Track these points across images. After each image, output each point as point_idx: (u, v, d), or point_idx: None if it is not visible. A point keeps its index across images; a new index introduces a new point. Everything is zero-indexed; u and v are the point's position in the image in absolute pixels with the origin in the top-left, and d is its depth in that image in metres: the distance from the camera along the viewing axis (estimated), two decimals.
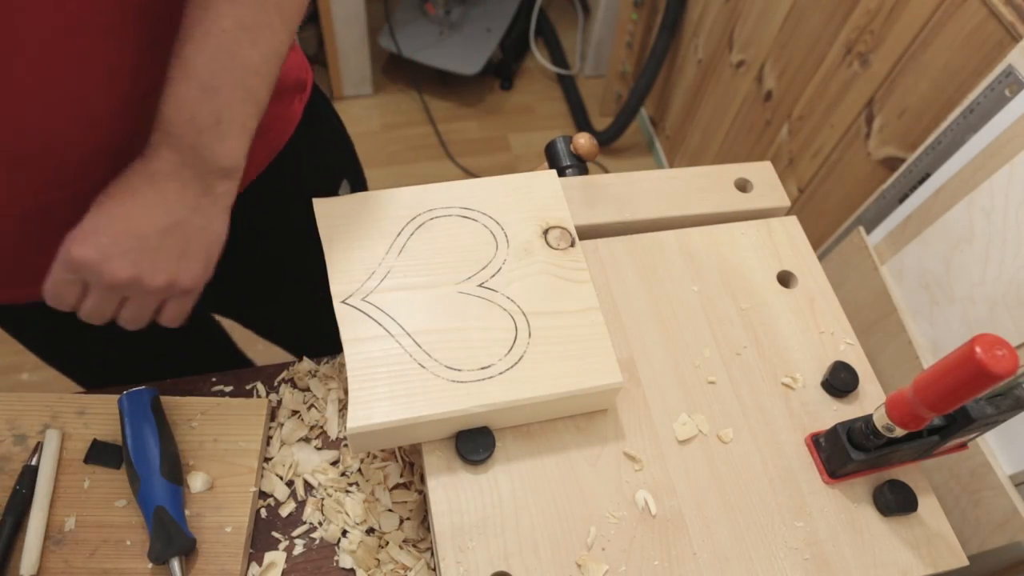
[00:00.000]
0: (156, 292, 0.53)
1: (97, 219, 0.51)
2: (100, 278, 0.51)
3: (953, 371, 0.44)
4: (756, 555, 0.53)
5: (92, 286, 0.52)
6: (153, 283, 0.52)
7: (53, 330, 0.79)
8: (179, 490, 0.61)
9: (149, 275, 0.52)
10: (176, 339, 0.91)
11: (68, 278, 0.51)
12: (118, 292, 0.52)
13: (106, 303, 0.53)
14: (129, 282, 0.51)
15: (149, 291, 0.53)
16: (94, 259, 0.50)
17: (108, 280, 0.51)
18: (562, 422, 0.57)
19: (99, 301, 0.53)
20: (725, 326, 0.63)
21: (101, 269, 0.50)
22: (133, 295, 0.53)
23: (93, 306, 0.53)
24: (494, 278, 0.58)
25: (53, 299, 0.53)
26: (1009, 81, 0.75)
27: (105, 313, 0.54)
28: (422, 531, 0.63)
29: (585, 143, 0.69)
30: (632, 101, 1.89)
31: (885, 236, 0.92)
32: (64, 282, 0.52)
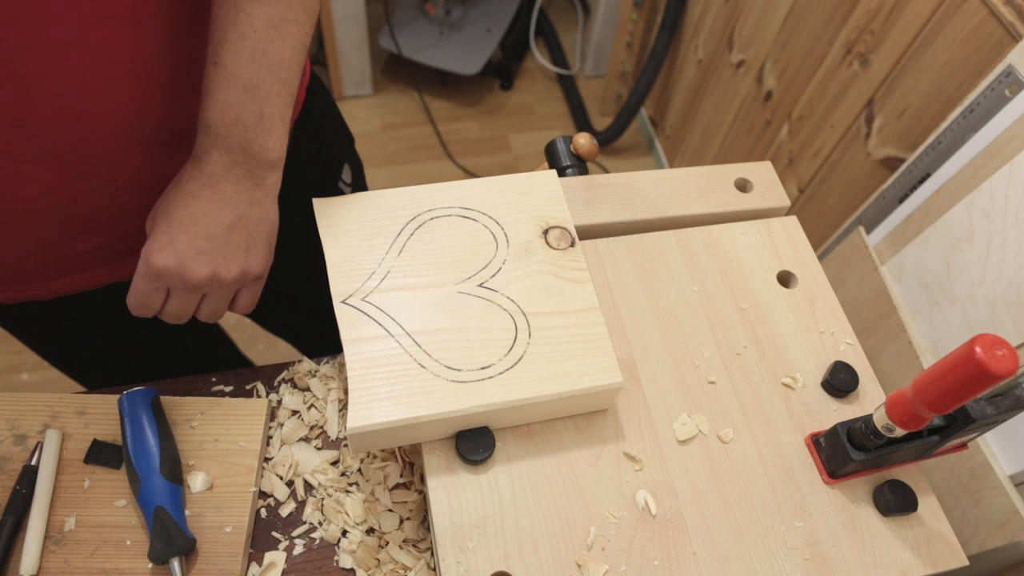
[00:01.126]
0: (231, 284, 0.57)
1: (168, 228, 0.54)
2: (182, 281, 0.55)
3: (953, 371, 0.44)
4: (756, 555, 0.53)
5: (174, 290, 0.56)
6: (228, 276, 0.56)
7: (64, 330, 0.80)
8: (179, 490, 0.61)
9: (224, 270, 0.56)
10: (179, 340, 0.93)
11: (152, 287, 0.56)
12: (198, 291, 0.57)
13: (188, 302, 0.58)
14: (208, 280, 0.56)
15: (225, 284, 0.57)
16: (174, 265, 0.54)
17: (190, 282, 0.55)
18: (562, 422, 0.57)
19: (182, 302, 0.57)
20: (725, 326, 0.63)
21: (182, 274, 0.54)
22: (211, 291, 0.57)
23: (177, 307, 0.57)
24: (494, 278, 0.58)
25: (139, 308, 0.57)
26: (1009, 81, 0.75)
27: (187, 311, 0.58)
28: (422, 531, 0.63)
29: (585, 143, 0.69)
30: (632, 101, 1.89)
31: (885, 236, 0.92)
32: (149, 291, 0.56)
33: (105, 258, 0.67)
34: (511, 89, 2.27)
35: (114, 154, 0.58)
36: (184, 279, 0.55)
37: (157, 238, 0.55)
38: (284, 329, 1.08)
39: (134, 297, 0.57)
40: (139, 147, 0.59)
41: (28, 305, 0.71)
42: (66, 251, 0.64)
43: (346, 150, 0.87)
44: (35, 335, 0.82)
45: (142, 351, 0.90)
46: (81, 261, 0.66)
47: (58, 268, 0.66)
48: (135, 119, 0.58)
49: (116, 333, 0.84)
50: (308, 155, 0.77)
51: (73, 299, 0.71)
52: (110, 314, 0.77)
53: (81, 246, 0.64)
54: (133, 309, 0.58)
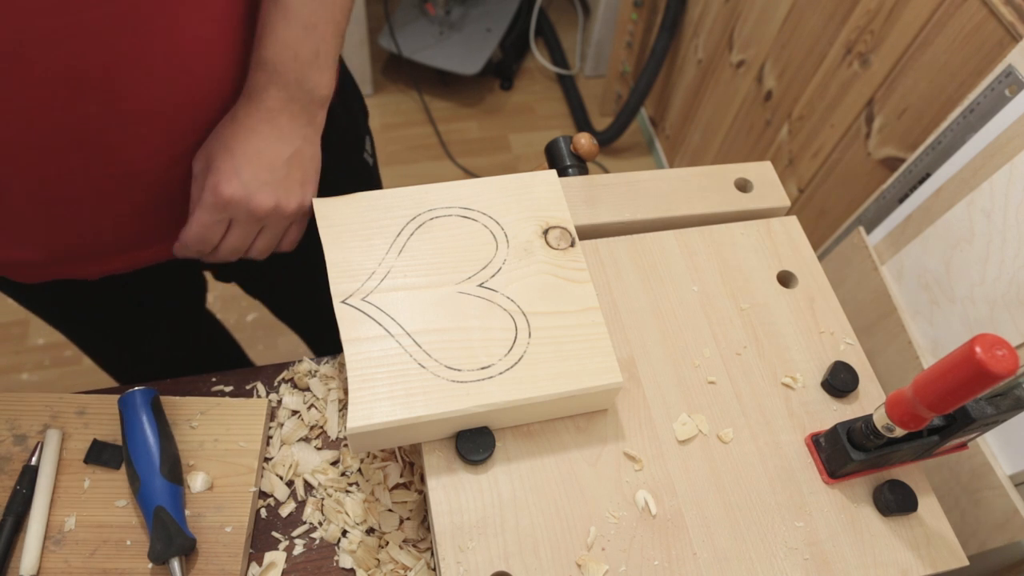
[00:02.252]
0: (289, 217, 0.60)
1: (232, 160, 0.56)
2: (248, 211, 0.57)
3: (953, 371, 0.44)
4: (756, 555, 0.53)
5: (236, 221, 0.58)
6: (289, 208, 0.59)
7: (108, 311, 0.83)
8: (179, 490, 0.60)
9: (285, 201, 0.58)
10: (183, 338, 0.96)
11: (216, 218, 0.57)
12: (260, 223, 0.59)
13: (247, 235, 0.59)
14: (271, 211, 0.58)
15: (284, 216, 0.59)
16: (242, 195, 0.56)
17: (255, 212, 0.57)
18: (562, 422, 0.57)
19: (242, 234, 0.59)
20: (725, 326, 0.63)
21: (249, 204, 0.56)
22: (270, 223, 0.59)
23: (236, 240, 0.59)
24: (494, 278, 0.58)
25: (198, 242, 0.59)
26: (1009, 81, 0.75)
27: (245, 245, 0.60)
28: (422, 531, 0.63)
29: (585, 143, 0.69)
30: (632, 101, 1.89)
31: (885, 236, 0.92)
32: (212, 223, 0.57)
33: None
34: (511, 89, 2.27)
35: (210, 112, 0.60)
36: (250, 209, 0.57)
37: (222, 169, 0.56)
38: (294, 316, 1.09)
39: (195, 231, 0.58)
40: (225, 103, 0.61)
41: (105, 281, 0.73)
42: (157, 217, 0.65)
43: (365, 123, 0.89)
44: (89, 318, 0.84)
45: (153, 349, 0.93)
46: (164, 230, 0.66)
47: (146, 237, 0.67)
48: (223, 78, 0.60)
49: (151, 317, 0.88)
50: (339, 127, 0.78)
51: (129, 277, 0.74)
52: (158, 293, 0.84)
53: (166, 214, 0.65)
54: (191, 244, 0.59)
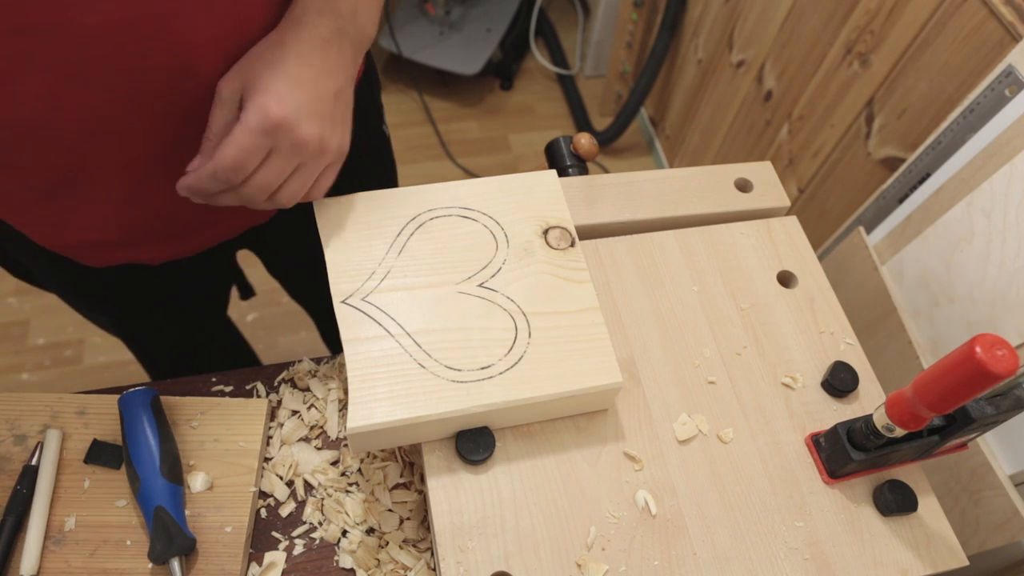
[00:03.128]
0: (328, 155, 0.55)
1: (285, 82, 0.51)
2: (293, 139, 0.51)
3: (953, 371, 0.44)
4: (756, 555, 0.53)
5: (277, 151, 0.52)
6: (331, 144, 0.54)
7: (163, 298, 0.84)
8: (179, 490, 0.60)
9: (329, 136, 0.54)
10: (215, 330, 1.01)
11: (258, 142, 0.51)
12: (300, 156, 0.53)
13: (283, 169, 0.53)
14: (315, 143, 0.53)
15: (324, 152, 0.54)
16: (294, 120, 0.51)
17: (300, 139, 0.52)
18: (562, 422, 0.57)
19: (279, 167, 0.53)
20: (725, 326, 0.63)
21: (297, 130, 0.51)
22: (309, 160, 0.54)
23: (271, 173, 0.53)
24: (494, 278, 0.58)
25: (233, 166, 0.51)
26: (1009, 81, 0.75)
27: (277, 181, 0.54)
28: (422, 531, 0.63)
29: (585, 143, 0.69)
30: (632, 101, 1.89)
31: (885, 236, 0.92)
32: (253, 147, 0.51)
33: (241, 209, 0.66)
34: (511, 89, 2.27)
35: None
36: (296, 136, 0.51)
37: (272, 91, 0.51)
38: (308, 298, 1.10)
39: (232, 153, 0.51)
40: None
41: (135, 269, 0.74)
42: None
43: (380, 96, 0.89)
44: (141, 304, 0.85)
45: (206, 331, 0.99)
46: (224, 210, 0.65)
47: (211, 212, 0.65)
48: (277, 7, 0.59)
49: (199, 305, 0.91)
50: (364, 98, 0.78)
51: (185, 263, 0.75)
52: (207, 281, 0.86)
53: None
54: (224, 169, 0.51)
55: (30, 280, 0.84)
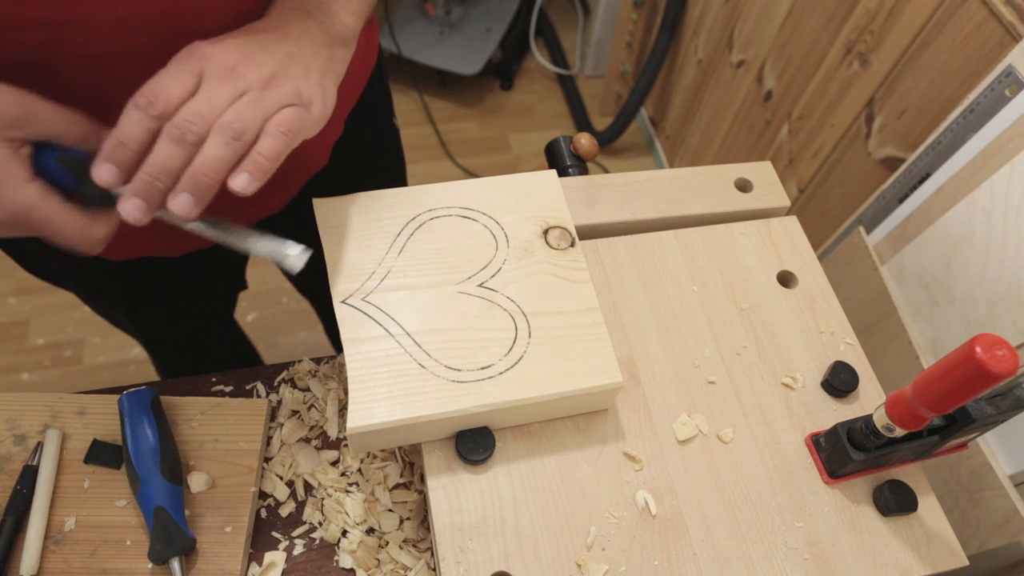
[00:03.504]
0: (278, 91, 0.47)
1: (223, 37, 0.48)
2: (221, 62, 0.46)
3: (953, 371, 0.44)
4: (756, 555, 0.53)
5: (207, 76, 0.46)
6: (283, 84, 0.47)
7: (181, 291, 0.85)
8: (179, 490, 0.61)
9: (276, 74, 0.47)
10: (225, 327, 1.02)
11: (181, 66, 0.45)
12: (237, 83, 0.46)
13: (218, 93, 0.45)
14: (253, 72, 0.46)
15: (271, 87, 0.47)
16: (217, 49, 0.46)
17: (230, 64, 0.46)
18: (562, 422, 0.57)
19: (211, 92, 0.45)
20: (725, 326, 0.63)
21: (224, 56, 0.46)
22: (250, 89, 0.46)
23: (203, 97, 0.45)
24: (494, 278, 0.58)
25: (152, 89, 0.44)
26: (1009, 81, 0.75)
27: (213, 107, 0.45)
28: (422, 531, 0.63)
29: (585, 143, 0.69)
30: (632, 101, 1.89)
31: (885, 236, 0.92)
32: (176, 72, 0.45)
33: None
34: (511, 89, 2.27)
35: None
36: (225, 60, 0.46)
37: (200, 41, 0.46)
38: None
39: (156, 79, 0.45)
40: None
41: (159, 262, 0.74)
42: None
43: (389, 89, 0.90)
44: (159, 299, 0.85)
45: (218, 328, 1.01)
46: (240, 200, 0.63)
47: (229, 207, 0.63)
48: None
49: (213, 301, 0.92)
50: (375, 95, 0.79)
51: (203, 256, 0.75)
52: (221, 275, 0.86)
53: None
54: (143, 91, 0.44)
55: (48, 278, 0.85)
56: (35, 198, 0.44)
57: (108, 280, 0.80)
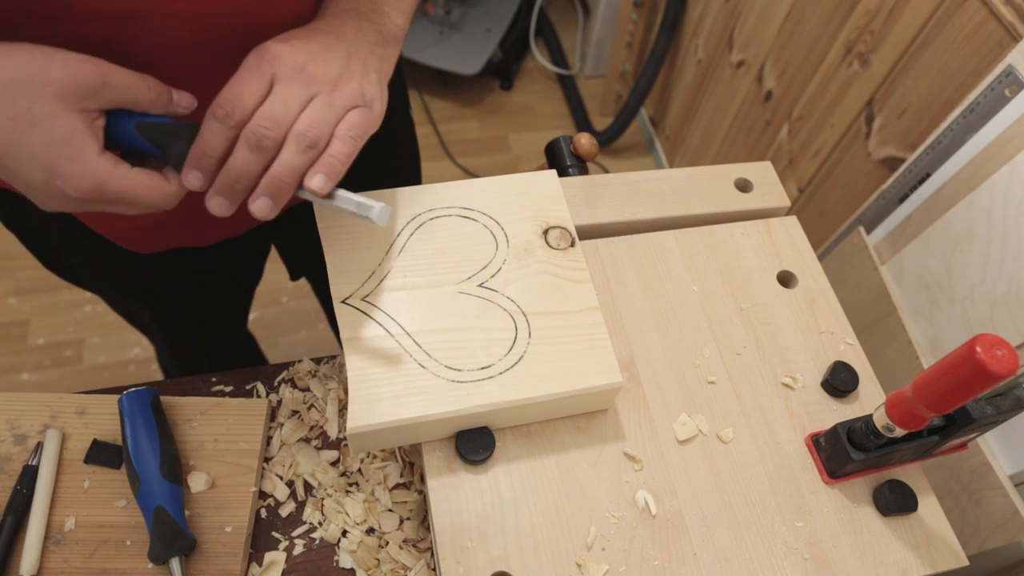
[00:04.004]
0: (345, 92, 0.49)
1: (287, 35, 0.50)
2: (293, 63, 0.48)
3: (953, 371, 0.44)
4: (756, 555, 0.53)
5: (279, 77, 0.47)
6: (348, 84, 0.49)
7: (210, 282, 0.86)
8: (179, 490, 0.60)
9: (341, 74, 0.49)
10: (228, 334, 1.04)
11: (255, 70, 0.47)
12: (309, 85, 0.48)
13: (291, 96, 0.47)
14: (322, 71, 0.48)
15: (340, 88, 0.49)
16: (289, 50, 0.48)
17: (301, 64, 0.48)
18: (562, 422, 0.57)
19: (285, 92, 0.47)
20: (725, 326, 0.63)
21: (295, 56, 0.48)
22: (321, 91, 0.48)
23: (277, 102, 0.47)
24: (494, 278, 0.58)
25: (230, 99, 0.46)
26: (1009, 81, 0.75)
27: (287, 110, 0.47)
28: (422, 531, 0.63)
29: (585, 143, 0.69)
30: (632, 101, 1.89)
31: (885, 236, 0.92)
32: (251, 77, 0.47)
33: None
34: (511, 89, 2.27)
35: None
36: (296, 61, 0.47)
37: (268, 42, 0.48)
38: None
39: (230, 87, 0.46)
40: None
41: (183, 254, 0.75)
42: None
43: (405, 82, 0.90)
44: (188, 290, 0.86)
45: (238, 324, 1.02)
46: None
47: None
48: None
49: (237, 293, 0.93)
50: (393, 88, 0.79)
51: (232, 244, 0.76)
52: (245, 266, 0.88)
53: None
54: (221, 104, 0.46)
55: (72, 278, 0.86)
56: (107, 171, 0.45)
57: (132, 274, 0.81)
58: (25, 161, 0.43)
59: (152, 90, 0.47)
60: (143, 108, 0.47)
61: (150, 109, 0.48)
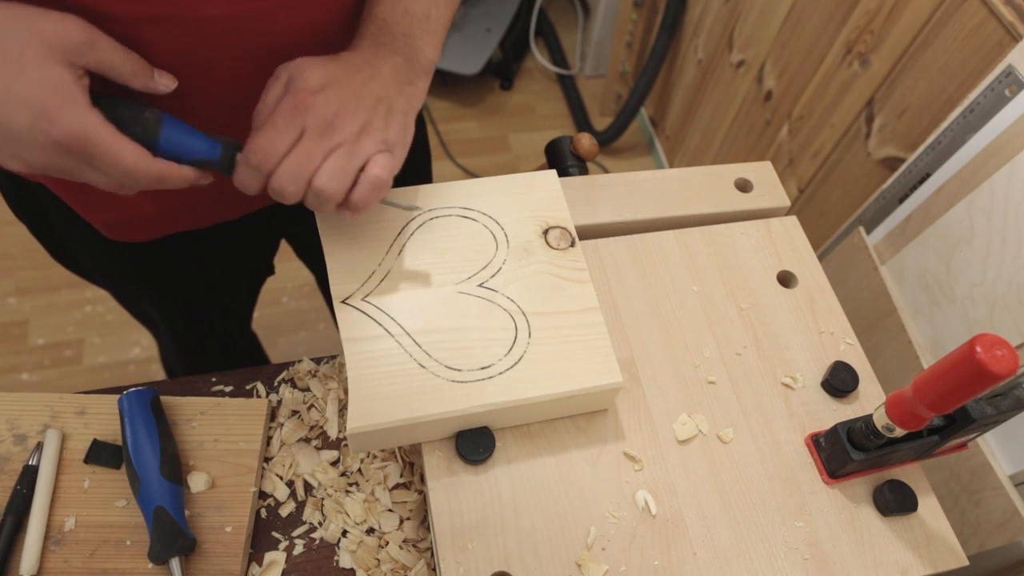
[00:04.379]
0: (370, 143, 0.52)
1: (324, 74, 0.52)
2: (323, 116, 0.51)
3: (953, 371, 0.44)
4: (756, 555, 0.53)
5: (307, 131, 0.51)
6: (373, 133, 0.52)
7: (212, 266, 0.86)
8: (179, 490, 0.61)
9: (368, 125, 0.52)
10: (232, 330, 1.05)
11: (290, 123, 0.50)
12: (332, 138, 0.51)
13: (314, 151, 0.51)
14: (348, 125, 0.51)
15: (364, 140, 0.52)
16: (323, 99, 0.51)
17: (329, 118, 0.51)
18: (562, 422, 0.57)
19: (308, 148, 0.50)
20: (725, 326, 0.63)
21: (326, 109, 0.51)
22: (343, 143, 0.51)
23: (300, 154, 0.50)
24: (494, 278, 0.58)
25: (264, 147, 0.50)
26: (1009, 81, 0.75)
27: (307, 165, 0.50)
28: (422, 531, 0.63)
29: (586, 143, 0.69)
30: (632, 101, 1.89)
31: (885, 236, 0.92)
32: (284, 127, 0.50)
33: None
34: (511, 89, 2.27)
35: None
36: (326, 113, 0.51)
37: (309, 79, 0.51)
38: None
39: (266, 136, 0.50)
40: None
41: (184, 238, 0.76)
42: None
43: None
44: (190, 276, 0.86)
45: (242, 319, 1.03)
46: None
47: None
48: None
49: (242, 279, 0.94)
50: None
51: (230, 227, 0.77)
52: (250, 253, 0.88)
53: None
54: (255, 151, 0.50)
55: (79, 271, 0.86)
56: (96, 123, 0.46)
57: (137, 265, 0.81)
58: (15, 103, 0.44)
59: (133, 62, 0.49)
60: (124, 79, 0.49)
61: (130, 81, 0.49)
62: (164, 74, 0.51)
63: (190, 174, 0.52)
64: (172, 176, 0.50)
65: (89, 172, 0.48)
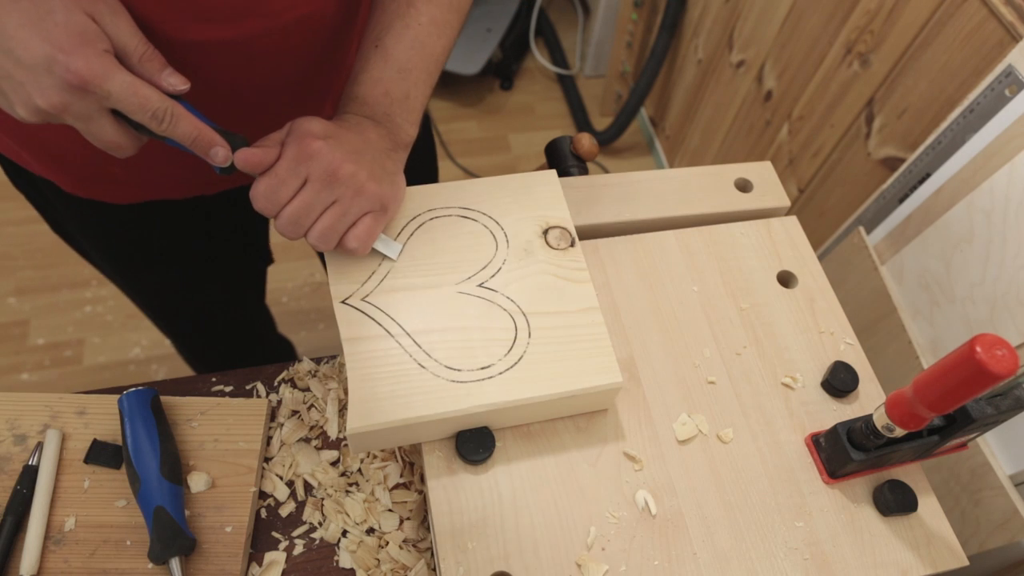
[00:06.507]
0: (366, 197, 0.55)
1: (324, 129, 0.55)
2: (326, 166, 0.53)
3: (953, 371, 0.44)
4: (756, 555, 0.53)
5: (311, 179, 0.54)
6: (370, 187, 0.55)
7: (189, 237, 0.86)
8: (179, 490, 0.60)
9: (367, 179, 0.55)
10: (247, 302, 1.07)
11: (295, 170, 0.53)
12: (334, 190, 0.54)
13: (314, 202, 0.54)
14: (350, 178, 0.54)
15: (362, 193, 0.55)
16: (327, 150, 0.54)
17: (332, 169, 0.53)
18: (562, 422, 0.57)
19: (309, 198, 0.54)
20: (725, 326, 0.63)
21: (329, 158, 0.53)
22: (343, 196, 0.55)
23: (301, 203, 0.54)
24: (494, 278, 0.58)
25: (268, 193, 0.53)
26: (1009, 81, 0.75)
27: (307, 214, 0.54)
28: (422, 531, 0.63)
29: (586, 143, 0.69)
30: (632, 101, 1.89)
31: (885, 236, 0.92)
32: (288, 175, 0.53)
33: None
34: (511, 89, 2.27)
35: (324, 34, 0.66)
36: (329, 164, 0.53)
37: (315, 131, 0.54)
38: None
39: (269, 183, 0.53)
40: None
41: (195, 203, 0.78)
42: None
43: None
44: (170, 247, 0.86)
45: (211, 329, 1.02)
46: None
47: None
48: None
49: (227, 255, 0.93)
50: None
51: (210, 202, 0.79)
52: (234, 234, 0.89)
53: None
54: (258, 194, 0.54)
55: (76, 246, 0.87)
56: (115, 66, 0.47)
57: (125, 235, 0.81)
58: (39, 38, 0.45)
59: (147, 52, 0.50)
60: (132, 61, 0.49)
61: (137, 67, 0.49)
62: (176, 75, 0.51)
63: (211, 136, 0.52)
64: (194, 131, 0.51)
65: (96, 122, 0.48)
